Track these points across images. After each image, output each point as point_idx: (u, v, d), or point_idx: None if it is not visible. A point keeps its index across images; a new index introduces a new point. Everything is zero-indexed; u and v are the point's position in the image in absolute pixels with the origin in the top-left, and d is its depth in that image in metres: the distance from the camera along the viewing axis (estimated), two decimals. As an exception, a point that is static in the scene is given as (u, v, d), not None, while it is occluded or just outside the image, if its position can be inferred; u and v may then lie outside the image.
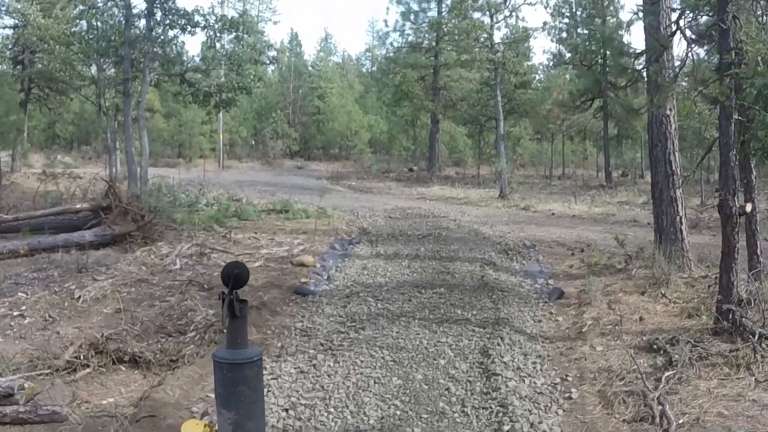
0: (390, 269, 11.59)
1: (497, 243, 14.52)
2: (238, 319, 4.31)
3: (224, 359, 4.30)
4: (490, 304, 9.43)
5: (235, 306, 4.23)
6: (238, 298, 4.24)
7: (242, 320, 4.34)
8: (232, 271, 4.29)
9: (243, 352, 4.31)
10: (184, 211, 17.28)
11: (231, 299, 4.21)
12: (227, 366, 4.27)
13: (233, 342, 4.34)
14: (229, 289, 4.24)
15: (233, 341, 4.34)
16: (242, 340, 4.35)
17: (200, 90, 22.22)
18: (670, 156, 10.87)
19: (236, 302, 4.24)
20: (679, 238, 10.96)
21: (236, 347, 4.32)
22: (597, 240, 15.23)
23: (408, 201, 25.92)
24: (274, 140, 57.45)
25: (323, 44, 78.68)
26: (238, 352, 4.30)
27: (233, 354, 4.30)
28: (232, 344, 4.34)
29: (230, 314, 4.26)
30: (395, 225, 17.26)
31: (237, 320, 4.32)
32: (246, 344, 4.39)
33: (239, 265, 4.37)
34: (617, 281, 10.55)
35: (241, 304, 4.25)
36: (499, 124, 29.20)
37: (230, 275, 4.27)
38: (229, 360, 4.28)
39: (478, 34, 28.63)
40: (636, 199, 25.58)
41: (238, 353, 4.30)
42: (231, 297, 4.22)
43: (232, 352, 4.31)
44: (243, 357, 4.29)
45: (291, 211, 18.67)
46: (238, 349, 4.32)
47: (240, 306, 4.25)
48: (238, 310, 4.25)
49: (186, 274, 11.11)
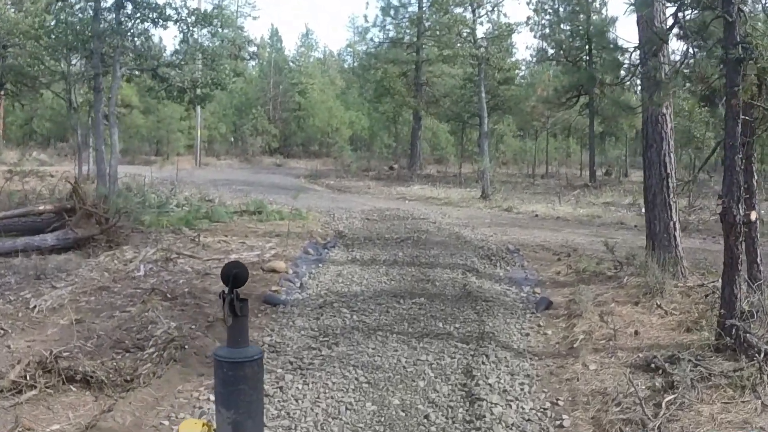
0: (366, 276, 10.99)
1: (480, 247, 13.96)
2: (239, 318, 4.27)
3: (225, 357, 4.28)
4: (473, 315, 8.87)
5: (236, 305, 4.17)
6: (238, 297, 4.18)
7: (243, 319, 4.30)
8: (231, 271, 4.21)
9: (244, 351, 4.29)
10: (153, 213, 16.64)
11: (232, 298, 4.17)
12: (228, 364, 4.25)
13: (234, 341, 4.31)
14: (229, 288, 4.19)
15: (234, 340, 4.31)
16: (243, 339, 4.32)
17: (174, 86, 21.54)
18: (665, 158, 10.35)
19: (237, 301, 4.18)
20: (673, 244, 10.45)
21: (237, 346, 4.30)
22: (584, 244, 14.73)
23: (387, 201, 25.35)
24: (253, 137, 56.85)
25: (304, 40, 78.26)
26: (239, 351, 4.28)
27: (234, 352, 4.28)
28: (233, 343, 4.31)
29: (232, 313, 4.22)
30: (373, 227, 16.68)
31: (238, 319, 4.28)
32: (246, 343, 4.37)
33: (238, 265, 4.30)
34: (608, 290, 10.03)
35: (241, 303, 4.19)
36: (483, 122, 28.62)
37: (229, 275, 4.20)
38: (229, 358, 4.26)
39: (460, 29, 28.08)
40: (621, 200, 25.15)
41: (239, 352, 4.27)
42: (232, 296, 4.17)
43: (233, 350, 4.29)
44: (244, 355, 4.27)
45: (264, 213, 18.04)
46: (239, 348, 4.30)
47: (240, 305, 4.19)
48: (239, 309, 4.20)
49: (150, 282, 10.49)
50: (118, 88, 20.66)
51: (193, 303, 9.34)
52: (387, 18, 41.03)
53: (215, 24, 21.24)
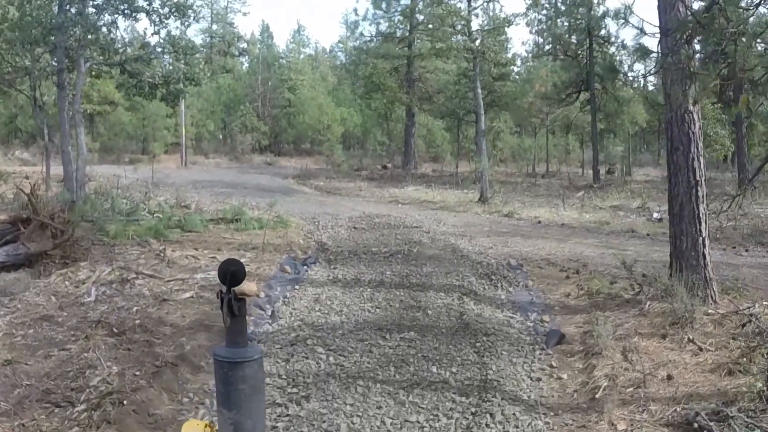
0: (348, 302, 9.63)
1: (478, 262, 12.62)
2: (238, 318, 4.18)
3: (224, 357, 4.18)
4: (473, 355, 7.54)
5: (234, 305, 4.09)
6: (236, 297, 4.09)
7: (242, 318, 4.20)
8: (228, 270, 4.13)
9: (243, 351, 4.19)
10: (121, 222, 15.34)
11: (230, 298, 4.08)
12: (227, 364, 4.16)
13: (233, 340, 4.21)
14: (227, 288, 4.10)
15: (233, 340, 4.21)
16: (242, 339, 4.22)
17: (144, 81, 20.24)
18: (694, 162, 9.04)
19: (235, 301, 4.10)
20: (702, 264, 9.16)
21: (236, 346, 4.20)
22: (593, 257, 13.45)
23: (378, 205, 24.04)
24: (242, 134, 55.82)
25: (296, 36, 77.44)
26: (238, 351, 4.18)
27: (233, 352, 4.18)
28: (232, 343, 4.21)
29: (230, 313, 4.13)
30: (360, 238, 15.35)
31: (236, 319, 4.18)
32: (246, 343, 4.27)
33: (235, 263, 4.20)
34: (629, 318, 8.74)
35: (239, 302, 4.11)
36: (480, 119, 27.26)
37: (226, 274, 4.11)
38: (229, 358, 4.16)
39: (454, 21, 26.75)
40: (629, 203, 23.90)
41: (239, 352, 4.18)
42: (230, 296, 4.09)
43: (233, 350, 4.20)
44: (243, 356, 4.16)
45: (243, 221, 16.71)
46: (239, 348, 4.20)
47: (239, 305, 4.11)
48: (237, 309, 4.12)
49: (100, 309, 9.19)
50: (83, 84, 19.32)
51: (143, 340, 8.00)
52: (378, 11, 39.85)
53: (189, 15, 19.92)
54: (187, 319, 8.92)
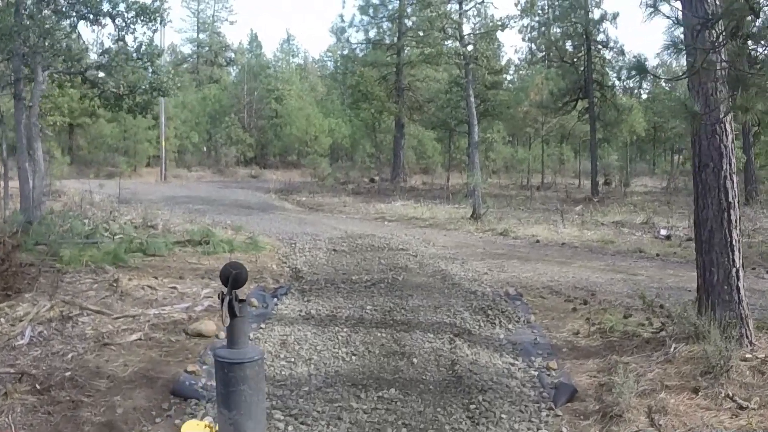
0: (320, 346, 8.24)
1: (471, 292, 11.27)
2: (238, 319, 4.33)
3: (225, 358, 4.29)
4: (465, 422, 6.18)
5: (235, 306, 4.25)
6: (237, 298, 4.26)
7: (242, 320, 4.36)
8: (230, 272, 4.28)
9: (244, 352, 4.33)
10: (78, 245, 14.06)
11: (230, 299, 4.24)
12: (228, 365, 4.28)
13: (233, 341, 4.35)
14: (228, 289, 4.26)
15: (234, 341, 4.35)
16: (243, 340, 4.38)
17: (108, 92, 18.92)
18: (726, 181, 7.76)
19: (236, 302, 4.26)
20: (735, 299, 7.86)
21: (237, 346, 4.35)
22: (601, 283, 12.17)
23: (363, 223, 22.73)
24: (227, 146, 54.73)
25: (285, 45, 76.73)
26: (238, 352, 4.33)
27: (234, 353, 4.32)
28: (232, 343, 4.35)
29: (230, 314, 4.29)
30: (339, 264, 14.02)
31: (237, 320, 4.33)
32: (246, 344, 4.41)
33: (237, 266, 4.37)
34: (652, 365, 7.43)
35: (240, 303, 4.28)
36: (473, 129, 25.94)
37: (228, 275, 4.27)
38: (229, 359, 4.27)
39: (444, 24, 25.48)
40: (633, 218, 22.66)
41: (239, 353, 4.32)
42: (230, 297, 4.25)
43: (233, 351, 4.34)
44: (244, 357, 4.28)
45: (212, 243, 15.44)
46: (239, 349, 4.35)
47: (240, 306, 4.28)
48: (238, 310, 4.27)
49: (32, 354, 7.92)
50: (40, 95, 17.98)
51: (69, 399, 6.65)
52: (365, 17, 38.66)
53: (156, 20, 18.59)
54: (129, 368, 7.60)
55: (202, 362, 7.76)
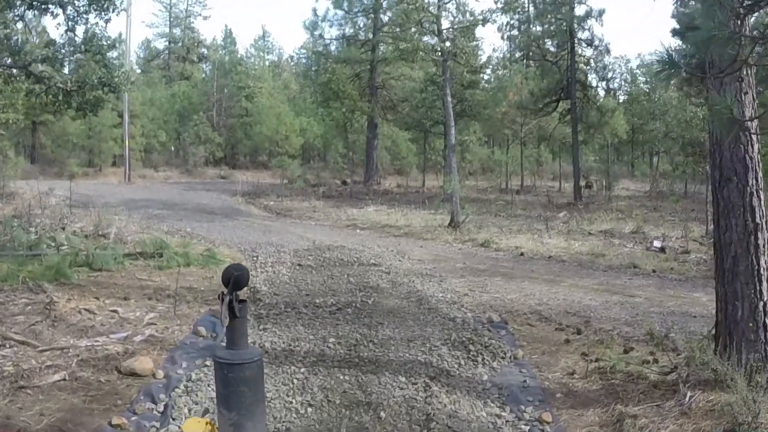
0: (271, 393, 6.93)
1: (450, 319, 10.05)
2: (238, 320, 4.33)
3: (224, 359, 4.30)
4: (446, 506, 5.03)
5: (235, 307, 4.23)
6: (237, 299, 4.25)
7: (242, 321, 4.36)
8: (232, 274, 4.28)
9: (243, 353, 4.32)
10: (18, 258, 12.80)
11: (230, 299, 4.21)
12: (227, 366, 4.25)
13: (233, 342, 4.36)
14: (228, 290, 4.22)
15: (233, 341, 4.36)
16: (242, 341, 4.38)
17: (55, 88, 17.52)
18: (752, 198, 6.65)
19: (236, 303, 4.25)
20: (762, 338, 6.76)
21: (236, 347, 4.33)
22: (595, 307, 11.06)
23: (333, 232, 21.52)
24: (195, 146, 53.39)
25: (260, 42, 75.55)
26: (238, 353, 4.31)
27: (233, 354, 4.30)
28: (232, 344, 4.37)
29: (230, 315, 4.25)
30: (303, 282, 12.77)
31: (237, 321, 4.33)
32: (246, 345, 4.42)
33: (239, 268, 4.38)
34: (665, 420, 6.29)
35: (240, 304, 4.28)
36: (450, 131, 24.70)
37: (229, 277, 4.27)
38: (229, 360, 4.26)
39: (421, 17, 24.30)
40: (621, 227, 21.61)
41: (239, 354, 4.30)
42: (230, 297, 4.22)
43: (233, 352, 4.33)
44: (243, 357, 4.29)
45: (165, 256, 14.22)
46: (239, 350, 4.33)
47: (239, 306, 4.27)
48: (238, 310, 4.26)
49: (-70, 400, 6.65)
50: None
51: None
52: (339, 11, 37.55)
53: (109, 9, 17.26)
54: (45, 420, 6.33)
55: (132, 411, 6.51)
